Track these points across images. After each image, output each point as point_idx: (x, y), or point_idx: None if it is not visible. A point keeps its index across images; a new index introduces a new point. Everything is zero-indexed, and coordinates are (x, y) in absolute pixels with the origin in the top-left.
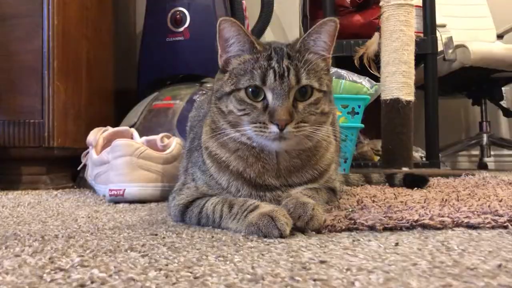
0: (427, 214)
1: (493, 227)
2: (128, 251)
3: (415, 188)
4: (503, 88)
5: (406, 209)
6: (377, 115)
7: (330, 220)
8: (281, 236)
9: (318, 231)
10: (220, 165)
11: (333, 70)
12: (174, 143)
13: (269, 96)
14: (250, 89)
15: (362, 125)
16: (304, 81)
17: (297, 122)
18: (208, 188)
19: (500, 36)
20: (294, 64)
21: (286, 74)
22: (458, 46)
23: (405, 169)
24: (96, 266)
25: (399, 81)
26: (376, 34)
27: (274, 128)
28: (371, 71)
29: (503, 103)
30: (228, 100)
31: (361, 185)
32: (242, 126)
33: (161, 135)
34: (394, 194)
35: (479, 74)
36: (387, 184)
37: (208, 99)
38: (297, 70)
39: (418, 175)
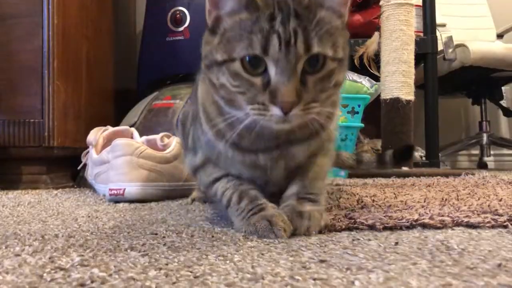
0: (427, 213)
1: (493, 227)
2: (128, 251)
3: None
4: (503, 88)
5: (406, 209)
6: (377, 115)
7: (330, 219)
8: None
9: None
10: (217, 132)
11: None
12: (174, 143)
13: (271, 69)
14: (248, 60)
15: (362, 125)
16: (316, 48)
17: (305, 103)
18: (209, 151)
19: (500, 36)
20: (303, 26)
21: (293, 40)
22: (458, 46)
23: (404, 168)
24: (96, 265)
25: (399, 81)
26: (376, 33)
27: (276, 111)
28: (371, 71)
29: (503, 102)
30: (220, 71)
31: (351, 166)
32: (238, 104)
33: (161, 134)
34: (394, 194)
35: (479, 74)
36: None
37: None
38: (307, 34)
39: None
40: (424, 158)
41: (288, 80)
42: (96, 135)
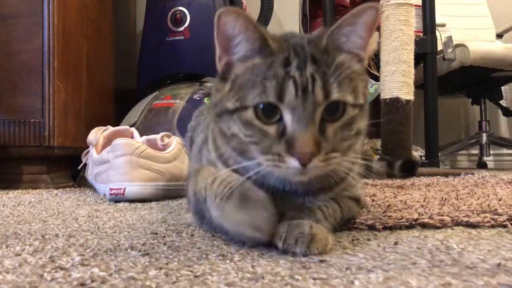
0: (426, 213)
1: (492, 226)
2: (129, 250)
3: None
4: (502, 88)
5: (406, 208)
6: (377, 114)
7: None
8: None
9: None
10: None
11: None
12: (174, 143)
13: (287, 117)
14: (261, 108)
15: None
16: (335, 95)
17: (326, 153)
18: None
19: (499, 36)
20: (321, 72)
21: (310, 86)
22: (457, 46)
23: None
24: (96, 265)
25: (398, 81)
26: (376, 33)
27: (294, 163)
28: (371, 71)
29: (503, 102)
30: (231, 120)
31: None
32: (251, 155)
33: (161, 134)
34: (394, 193)
35: (479, 74)
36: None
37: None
38: (326, 79)
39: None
40: (423, 158)
41: (306, 129)
42: (96, 134)
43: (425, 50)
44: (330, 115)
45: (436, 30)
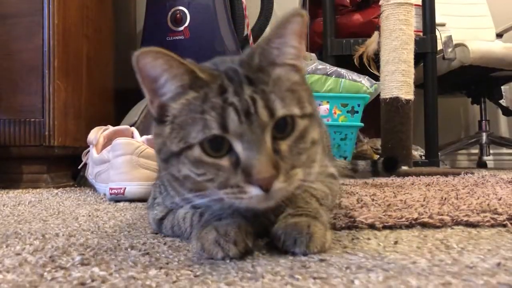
0: (426, 212)
1: (492, 226)
2: (129, 250)
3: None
4: (502, 87)
5: (406, 208)
6: (377, 114)
7: (330, 217)
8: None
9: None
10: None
11: (333, 69)
12: None
13: (237, 145)
14: (208, 143)
15: (362, 124)
16: (281, 111)
17: (285, 172)
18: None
19: (499, 35)
20: (260, 91)
21: (252, 109)
22: (457, 45)
23: (404, 167)
24: (96, 264)
25: (398, 80)
26: (376, 33)
27: (255, 191)
28: (371, 70)
29: (503, 102)
30: (179, 162)
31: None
32: (209, 192)
33: None
34: (394, 193)
35: (479, 73)
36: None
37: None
38: (267, 98)
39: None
40: (423, 157)
41: (260, 153)
42: (96, 134)
43: (425, 50)
44: (280, 132)
45: (436, 30)
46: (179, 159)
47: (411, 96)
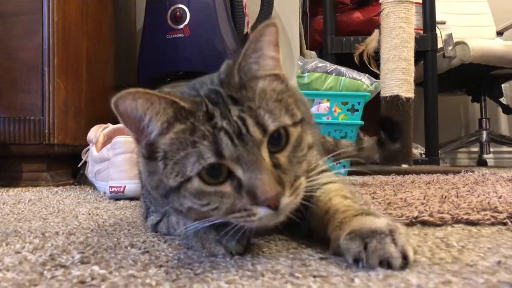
0: (426, 210)
1: (492, 224)
2: (129, 248)
3: None
4: (502, 85)
5: (406, 206)
6: (377, 112)
7: None
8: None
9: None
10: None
11: (333, 67)
12: None
13: (237, 169)
14: (205, 172)
15: (362, 122)
16: (272, 125)
17: (290, 185)
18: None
19: (499, 33)
20: (248, 109)
21: (244, 129)
22: (457, 43)
23: (404, 165)
24: (96, 262)
25: (398, 78)
26: (376, 31)
27: (264, 211)
28: (371, 68)
29: (503, 100)
30: (180, 196)
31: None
32: (216, 217)
33: None
34: (394, 191)
35: (479, 71)
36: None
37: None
38: (255, 114)
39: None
40: (423, 156)
41: (260, 173)
42: (96, 132)
43: (425, 48)
44: (275, 146)
45: (436, 28)
46: (179, 193)
47: (411, 94)
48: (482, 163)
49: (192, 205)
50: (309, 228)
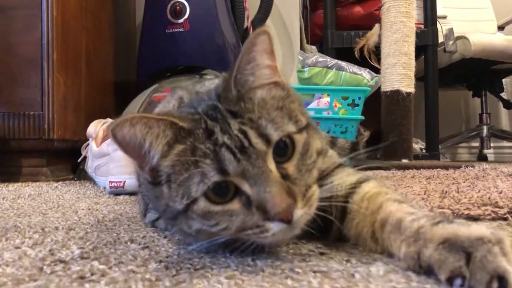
0: (427, 206)
1: (493, 219)
2: (129, 243)
3: None
4: (503, 80)
5: None
6: (377, 107)
7: None
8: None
9: None
10: None
11: (334, 62)
12: None
13: (243, 185)
14: (211, 191)
15: (362, 117)
16: (275, 134)
17: (302, 196)
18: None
19: (501, 28)
20: (248, 120)
21: (246, 142)
22: (458, 38)
23: (404, 160)
24: (96, 258)
25: (399, 73)
26: (377, 25)
27: (277, 226)
28: (372, 63)
29: (504, 95)
30: (188, 218)
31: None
32: (227, 235)
33: None
34: (394, 186)
35: (480, 66)
36: None
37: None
38: (257, 126)
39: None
40: (424, 150)
41: (269, 185)
42: (96, 127)
43: (426, 42)
44: (282, 156)
45: (437, 22)
46: (187, 215)
47: (411, 89)
48: (482, 158)
49: (201, 227)
50: (342, 233)
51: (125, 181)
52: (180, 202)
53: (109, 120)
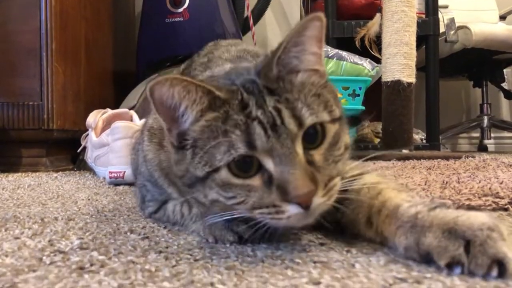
0: (428, 196)
1: (494, 209)
2: (128, 234)
3: None
4: (504, 70)
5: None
6: (378, 97)
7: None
8: (239, 239)
9: None
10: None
11: (335, 51)
12: None
13: (268, 162)
14: (235, 164)
15: (363, 107)
16: (309, 119)
17: (324, 185)
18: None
19: (502, 17)
20: (285, 100)
21: (279, 120)
22: (460, 27)
23: (405, 151)
24: (95, 248)
25: (400, 63)
26: (378, 15)
27: (294, 210)
28: (372, 53)
29: (505, 85)
30: (206, 187)
31: None
32: (241, 211)
33: None
34: (395, 176)
35: (481, 56)
36: None
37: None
38: (292, 106)
39: None
40: (424, 141)
41: (294, 167)
42: (95, 117)
43: (427, 32)
44: (311, 142)
45: (439, 12)
46: (205, 183)
47: (412, 79)
48: (483, 148)
49: (217, 197)
50: (339, 224)
51: (124, 171)
52: (202, 169)
53: (109, 110)
